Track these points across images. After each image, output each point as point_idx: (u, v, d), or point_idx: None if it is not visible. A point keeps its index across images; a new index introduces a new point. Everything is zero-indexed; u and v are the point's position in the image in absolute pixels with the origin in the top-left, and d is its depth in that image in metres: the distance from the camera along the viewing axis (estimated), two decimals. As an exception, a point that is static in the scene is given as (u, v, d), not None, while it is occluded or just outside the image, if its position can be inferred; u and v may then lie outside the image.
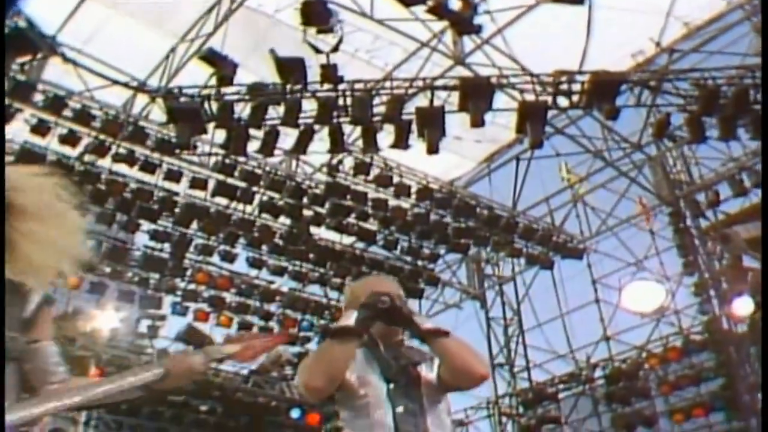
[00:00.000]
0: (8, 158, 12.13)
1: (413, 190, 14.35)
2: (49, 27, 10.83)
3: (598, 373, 16.69)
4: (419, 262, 16.49)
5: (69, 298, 15.58)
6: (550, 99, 11.50)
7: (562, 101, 11.65)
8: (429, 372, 3.11)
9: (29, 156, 12.11)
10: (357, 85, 11.34)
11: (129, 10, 11.76)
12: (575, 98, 11.44)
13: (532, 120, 11.05)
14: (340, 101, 11.40)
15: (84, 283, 14.43)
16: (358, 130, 11.72)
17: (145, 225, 13.85)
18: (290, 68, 10.70)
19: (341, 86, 11.26)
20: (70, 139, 12.03)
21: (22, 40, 10.01)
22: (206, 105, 11.13)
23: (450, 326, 3.02)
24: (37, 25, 10.20)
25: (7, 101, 11.23)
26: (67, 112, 11.77)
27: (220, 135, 11.87)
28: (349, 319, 2.95)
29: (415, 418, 2.93)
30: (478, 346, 17.63)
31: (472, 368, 2.99)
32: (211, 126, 11.38)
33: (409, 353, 3.18)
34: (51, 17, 11.05)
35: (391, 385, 3.01)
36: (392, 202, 14.39)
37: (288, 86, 11.03)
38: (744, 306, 13.48)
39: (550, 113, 11.90)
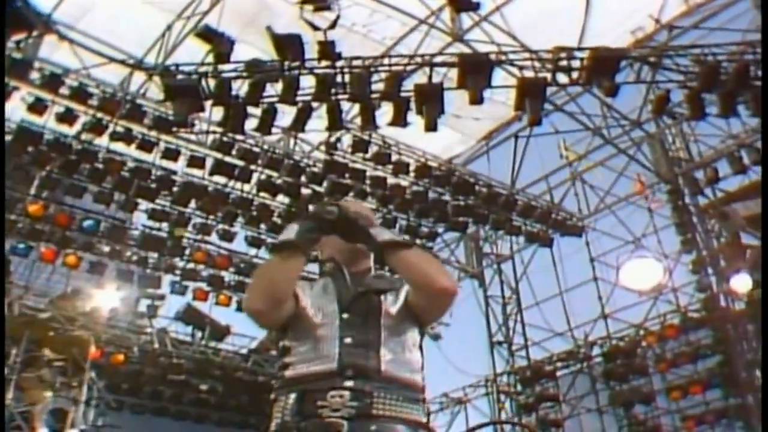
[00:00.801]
0: (6, 138, 12.15)
1: (412, 167, 14.30)
2: (45, 4, 10.78)
3: (596, 351, 16.79)
4: (417, 241, 16.42)
5: (68, 278, 15.61)
6: (549, 76, 11.46)
7: (562, 78, 11.59)
8: (395, 302, 2.76)
9: (26, 134, 12.10)
10: (355, 62, 11.30)
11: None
12: (575, 75, 11.39)
13: (531, 97, 10.99)
14: (338, 78, 11.35)
15: (83, 263, 14.44)
16: (357, 107, 11.66)
17: (144, 204, 13.83)
18: (287, 45, 10.64)
19: (339, 63, 11.21)
20: (67, 117, 11.99)
21: (17, 18, 9.97)
22: (203, 82, 11.07)
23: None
24: (32, 3, 10.15)
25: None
26: (63, 90, 11.72)
27: (218, 113, 11.84)
28: (290, 232, 2.68)
29: (367, 350, 2.60)
30: (477, 325, 17.82)
31: (434, 280, 2.64)
32: (208, 104, 11.32)
33: (374, 282, 2.86)
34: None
35: (346, 315, 2.69)
36: (391, 180, 14.38)
37: (285, 63, 10.97)
38: (742, 283, 13.52)
39: (550, 90, 11.87)
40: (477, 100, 10.77)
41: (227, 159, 13.18)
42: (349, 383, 2.52)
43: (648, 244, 16.25)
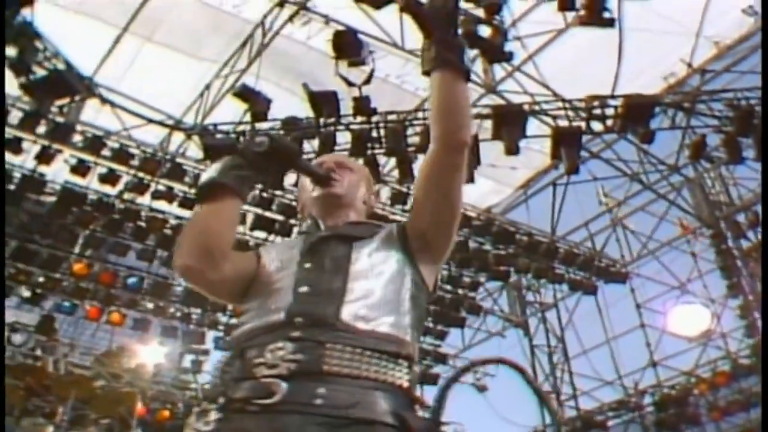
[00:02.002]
0: (50, 198, 12.46)
1: (451, 219, 14.31)
2: (86, 67, 11.10)
3: (646, 399, 16.48)
4: (460, 291, 16.42)
5: (112, 334, 15.83)
6: (583, 124, 11.49)
7: (596, 125, 11.62)
8: (374, 246, 2.30)
9: (71, 195, 12.39)
10: (390, 117, 11.42)
11: (163, 40, 11.95)
12: (609, 122, 11.41)
13: (567, 146, 11.00)
14: (374, 133, 11.49)
15: (127, 320, 14.66)
16: (393, 160, 11.76)
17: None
18: (323, 102, 10.79)
19: (374, 118, 11.35)
20: (109, 177, 12.25)
21: (60, 83, 10.26)
22: (241, 140, 11.28)
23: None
24: (75, 67, 10.47)
25: (47, 143, 11.52)
26: (105, 152, 12.02)
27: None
28: (212, 171, 2.28)
29: (327, 298, 2.10)
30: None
31: (463, 127, 2.26)
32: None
33: (345, 228, 2.41)
34: (87, 56, 11.32)
35: (308, 264, 2.24)
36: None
37: (321, 119, 11.14)
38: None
39: (585, 137, 11.86)
40: (513, 150, 10.81)
41: (267, 214, 13.30)
42: (295, 333, 2.00)
43: (694, 288, 16.05)
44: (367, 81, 10.66)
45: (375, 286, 2.17)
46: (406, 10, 2.26)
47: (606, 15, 10.02)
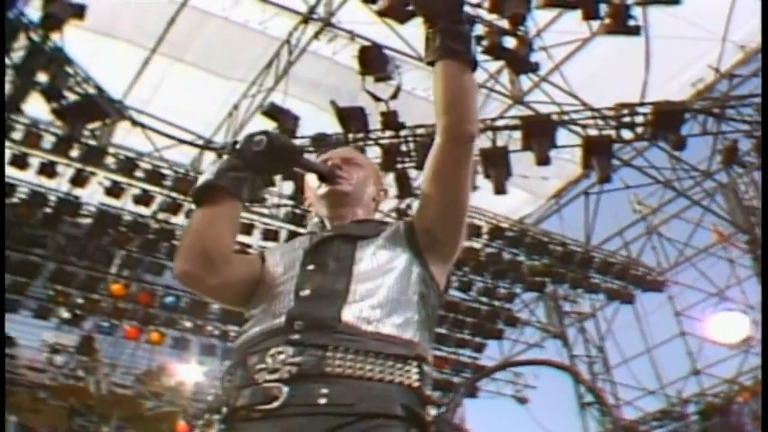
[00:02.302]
0: (86, 220, 12.67)
1: (484, 230, 14.34)
2: (116, 89, 11.31)
3: (690, 408, 16.28)
4: (496, 303, 16.41)
5: (152, 353, 16.00)
6: (613, 132, 11.43)
7: (626, 134, 11.56)
8: (379, 245, 2.21)
9: (106, 217, 12.59)
10: (418, 130, 11.45)
11: (191, 61, 12.15)
12: (639, 130, 11.35)
13: (598, 155, 10.93)
14: (403, 147, 11.53)
15: (167, 339, 14.83)
16: (424, 173, 11.77)
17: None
18: (351, 117, 10.84)
19: (403, 132, 11.39)
20: (143, 198, 12.48)
21: (91, 107, 10.45)
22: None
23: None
24: (105, 91, 10.65)
25: (81, 166, 11.72)
26: (138, 173, 12.20)
27: (289, 186, 12.12)
28: (208, 173, 2.20)
29: (328, 300, 2.02)
30: (564, 386, 17.56)
31: (470, 118, 2.18)
32: (278, 178, 11.60)
33: (349, 227, 2.34)
34: (117, 78, 11.54)
35: (311, 266, 2.16)
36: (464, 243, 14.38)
37: (350, 135, 11.20)
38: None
39: (615, 145, 11.79)
40: (544, 160, 10.75)
41: (300, 230, 13.39)
42: (294, 337, 1.94)
43: (732, 295, 15.84)
44: (395, 95, 10.71)
45: (380, 286, 2.07)
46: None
47: (631, 23, 10.00)
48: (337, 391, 1.82)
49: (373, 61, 10.27)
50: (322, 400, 1.80)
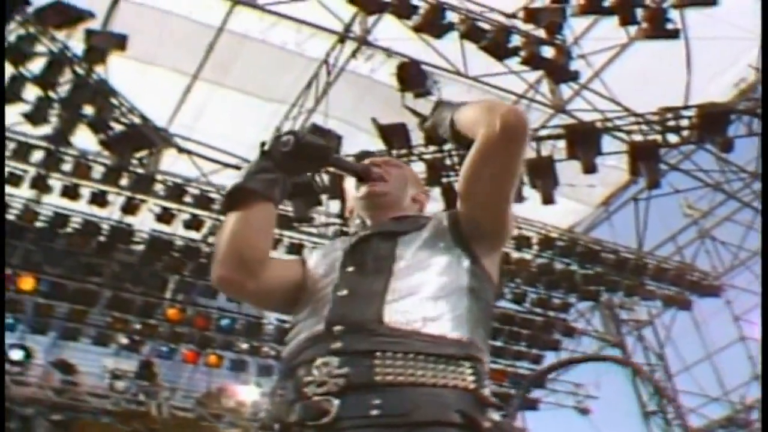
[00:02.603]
0: (139, 247, 12.93)
1: (534, 240, 14.30)
2: (160, 116, 11.56)
3: (754, 415, 15.99)
4: (551, 313, 16.31)
5: (210, 375, 16.18)
6: (659, 137, 11.34)
7: (672, 137, 11.45)
8: (422, 240, 2.13)
9: (158, 243, 12.84)
10: (462, 143, 11.47)
11: (233, 84, 12.35)
12: (685, 133, 11.24)
13: (646, 160, 10.83)
14: (447, 161, 11.57)
15: (224, 361, 15.01)
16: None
17: (275, 299, 14.23)
18: (393, 134, 10.92)
19: (446, 146, 11.43)
20: (193, 223, 12.72)
21: (138, 137, 10.73)
22: (317, 178, 11.51)
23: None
24: (150, 120, 10.90)
25: (130, 194, 11.99)
26: (187, 198, 12.47)
27: (336, 205, 12.23)
28: (239, 176, 2.14)
29: (367, 300, 1.94)
30: (626, 396, 17.36)
31: (488, 119, 2.04)
32: (325, 196, 11.72)
33: (388, 224, 2.26)
34: (160, 105, 11.82)
35: (350, 268, 2.09)
36: (514, 254, 14.36)
37: (393, 151, 11.27)
38: None
39: (662, 150, 11.69)
40: (590, 168, 10.70)
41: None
42: (336, 345, 1.86)
43: (791, 297, 15.52)
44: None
45: (424, 282, 1.98)
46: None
47: (669, 26, 9.96)
48: (389, 400, 1.74)
49: (412, 76, 10.37)
50: (375, 411, 1.73)
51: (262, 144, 2.17)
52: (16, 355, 12.93)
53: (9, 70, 9.54)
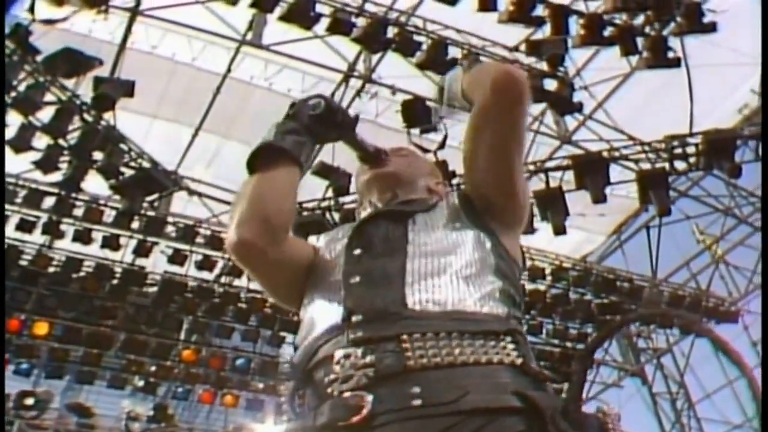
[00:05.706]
0: (152, 289, 13.02)
1: (547, 271, 14.26)
2: (169, 161, 11.68)
3: (777, 440, 15.76)
4: (568, 344, 16.22)
5: (227, 415, 16.18)
6: (666, 165, 11.34)
7: (679, 164, 11.45)
8: (435, 218, 2.01)
9: (171, 284, 12.91)
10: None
11: (239, 136, 12.41)
12: (692, 160, 11.23)
13: (655, 188, 10.82)
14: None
15: (241, 401, 15.00)
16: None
17: (290, 337, 14.22)
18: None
19: (455, 180, 11.47)
20: (206, 263, 12.74)
21: (148, 181, 10.84)
22: (327, 215, 11.56)
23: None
24: (159, 164, 11.02)
25: (142, 237, 12.09)
26: (199, 239, 12.53)
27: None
28: (266, 136, 1.99)
29: (384, 284, 1.77)
30: (648, 425, 17.17)
31: (486, 80, 1.95)
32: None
33: (398, 205, 2.14)
34: (168, 150, 11.91)
35: (357, 251, 1.91)
36: (528, 286, 14.33)
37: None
38: None
39: (670, 177, 11.69)
40: (600, 198, 10.69)
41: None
42: (357, 334, 1.67)
43: (809, 321, 15.38)
44: (442, 146, 10.74)
45: (445, 263, 1.82)
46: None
47: (670, 55, 9.99)
48: (430, 387, 1.54)
49: (417, 113, 10.41)
50: (416, 401, 1.53)
51: (292, 105, 2.07)
52: (29, 401, 12.92)
53: (19, 119, 9.69)
